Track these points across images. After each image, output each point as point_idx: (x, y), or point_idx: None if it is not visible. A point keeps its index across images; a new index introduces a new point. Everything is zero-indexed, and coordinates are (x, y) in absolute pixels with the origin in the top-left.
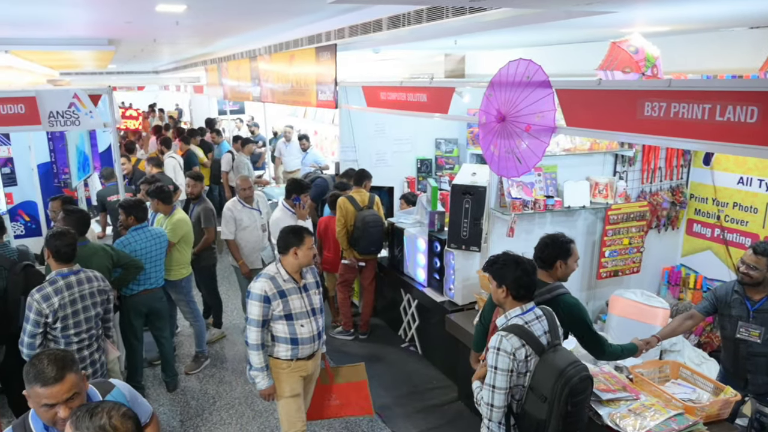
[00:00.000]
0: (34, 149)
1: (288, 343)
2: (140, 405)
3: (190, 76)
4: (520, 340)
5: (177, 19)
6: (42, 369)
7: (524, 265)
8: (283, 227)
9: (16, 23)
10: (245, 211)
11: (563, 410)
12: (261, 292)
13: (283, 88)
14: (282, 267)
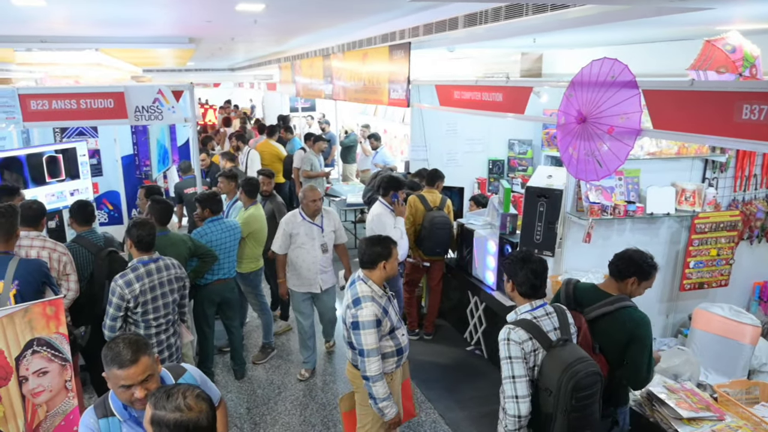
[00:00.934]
0: (119, 142)
1: (395, 356)
2: (209, 389)
3: (263, 74)
4: (527, 333)
5: (255, 18)
6: (118, 352)
7: (533, 264)
8: (367, 238)
9: (105, 22)
10: (304, 225)
11: (568, 404)
12: (373, 318)
13: (355, 86)
14: (372, 282)
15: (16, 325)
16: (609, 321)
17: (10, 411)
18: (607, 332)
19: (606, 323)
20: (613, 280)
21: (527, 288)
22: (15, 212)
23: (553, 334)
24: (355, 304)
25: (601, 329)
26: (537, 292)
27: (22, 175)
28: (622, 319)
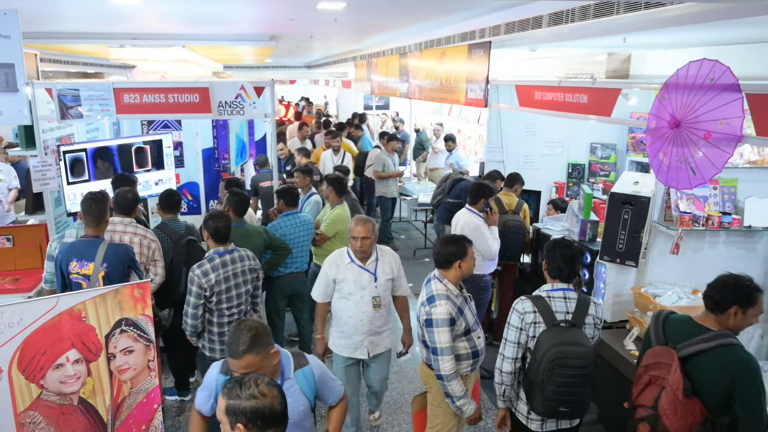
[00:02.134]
0: (200, 135)
1: (470, 358)
2: (330, 388)
3: (338, 71)
4: (533, 306)
5: (335, 16)
6: (233, 341)
7: (563, 250)
8: (442, 238)
9: (193, 20)
10: (352, 269)
11: (545, 375)
12: (447, 316)
13: (432, 85)
14: (447, 281)
15: (107, 305)
16: (707, 360)
17: (99, 385)
18: (704, 373)
19: (703, 362)
20: (712, 314)
21: (553, 269)
22: (106, 198)
23: (562, 315)
24: (430, 302)
25: (696, 369)
26: (561, 275)
27: (113, 164)
28: (723, 359)
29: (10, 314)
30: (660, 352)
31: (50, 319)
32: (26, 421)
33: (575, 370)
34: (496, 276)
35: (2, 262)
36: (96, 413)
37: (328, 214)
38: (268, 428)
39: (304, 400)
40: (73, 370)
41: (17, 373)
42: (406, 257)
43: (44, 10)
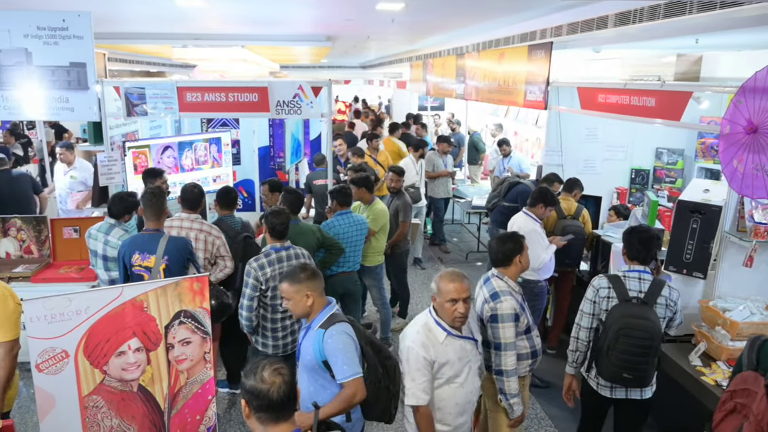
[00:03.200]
0: (257, 134)
1: (529, 358)
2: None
3: (393, 72)
4: (608, 283)
5: (393, 17)
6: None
7: (639, 234)
8: (497, 237)
9: (251, 21)
10: (452, 344)
11: (611, 342)
12: (512, 311)
13: (489, 86)
14: (508, 279)
15: (168, 297)
16: None
17: (157, 374)
18: None
19: None
20: None
21: (632, 252)
22: (163, 193)
23: (635, 293)
24: (494, 298)
25: None
26: (638, 257)
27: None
28: None
29: (78, 302)
30: (749, 378)
31: (114, 308)
32: (90, 404)
33: (639, 341)
34: (552, 283)
35: (69, 252)
36: (154, 401)
37: (369, 211)
38: (261, 411)
39: (312, 352)
40: (134, 358)
41: (83, 359)
42: (458, 260)
43: (114, 12)
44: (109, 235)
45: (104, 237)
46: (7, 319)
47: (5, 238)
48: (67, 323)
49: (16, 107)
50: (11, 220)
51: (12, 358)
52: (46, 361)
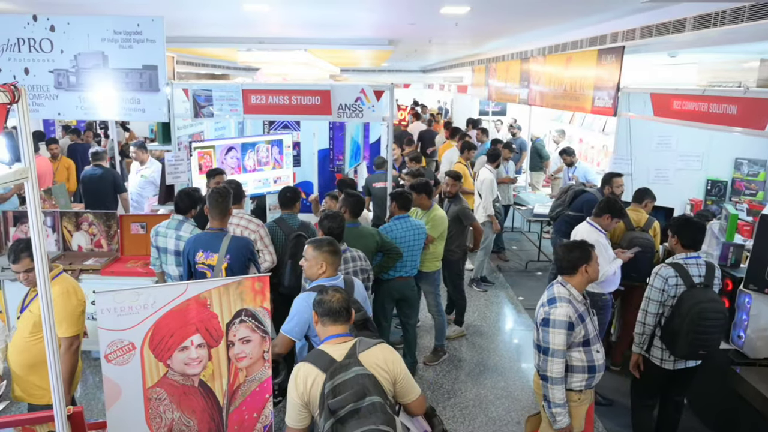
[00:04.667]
0: (317, 136)
1: (584, 372)
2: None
3: (453, 76)
4: (675, 272)
5: (457, 21)
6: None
7: (696, 225)
8: (564, 245)
9: (315, 25)
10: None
11: (691, 326)
12: (566, 318)
13: (555, 91)
14: (571, 287)
15: (230, 295)
16: None
17: (218, 370)
18: None
19: None
20: None
21: (688, 241)
22: (229, 193)
23: (697, 278)
24: (550, 303)
25: None
26: (694, 245)
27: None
28: None
29: (146, 296)
30: None
31: (179, 304)
32: (153, 396)
33: (714, 321)
34: (618, 297)
35: (136, 247)
36: (213, 396)
37: (427, 217)
38: (324, 316)
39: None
40: (196, 354)
41: (148, 351)
42: (518, 269)
43: (185, 16)
44: (180, 231)
45: (175, 233)
46: (69, 315)
47: (78, 232)
48: (135, 316)
49: (91, 107)
50: (84, 215)
51: (72, 353)
52: (114, 352)
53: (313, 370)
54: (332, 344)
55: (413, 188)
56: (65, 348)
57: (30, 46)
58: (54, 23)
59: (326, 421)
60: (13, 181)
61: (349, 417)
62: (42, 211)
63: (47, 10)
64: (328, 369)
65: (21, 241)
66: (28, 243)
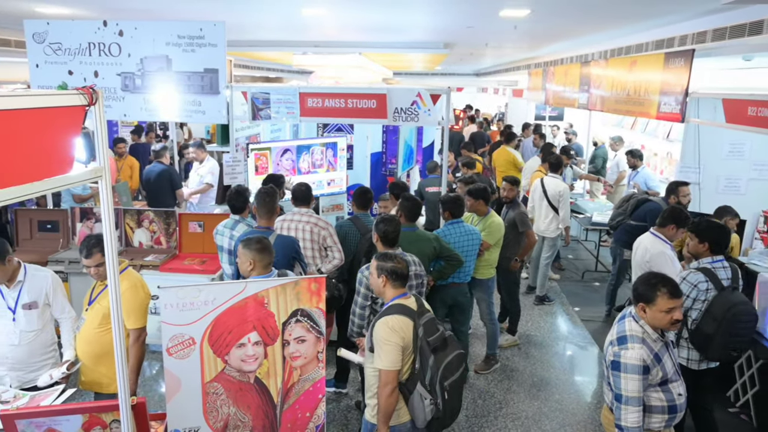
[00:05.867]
0: (371, 140)
1: (665, 413)
2: None
3: (508, 80)
4: (704, 276)
5: (516, 24)
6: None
7: (723, 229)
8: (645, 275)
9: (370, 28)
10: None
11: (729, 328)
12: (640, 362)
13: (617, 96)
14: (644, 323)
15: (287, 295)
16: None
17: (273, 368)
18: None
19: None
20: None
21: (717, 246)
22: (276, 193)
23: (726, 281)
24: (620, 342)
25: None
26: (721, 249)
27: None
28: None
29: (206, 293)
30: None
31: (238, 301)
32: (210, 390)
33: (747, 323)
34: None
35: (193, 245)
36: (268, 394)
37: (483, 224)
38: (395, 280)
39: None
40: (253, 351)
41: (207, 347)
42: (573, 279)
43: (245, 21)
44: (234, 230)
45: (230, 232)
46: (139, 307)
47: (139, 229)
48: (196, 312)
49: (154, 109)
50: (145, 212)
51: (140, 344)
52: (175, 346)
53: (404, 319)
54: (404, 300)
55: (470, 193)
56: (133, 339)
57: (100, 50)
58: (122, 28)
59: (427, 356)
60: (88, 179)
61: (440, 348)
62: None
63: (116, 15)
64: (413, 316)
65: (92, 236)
66: (99, 239)
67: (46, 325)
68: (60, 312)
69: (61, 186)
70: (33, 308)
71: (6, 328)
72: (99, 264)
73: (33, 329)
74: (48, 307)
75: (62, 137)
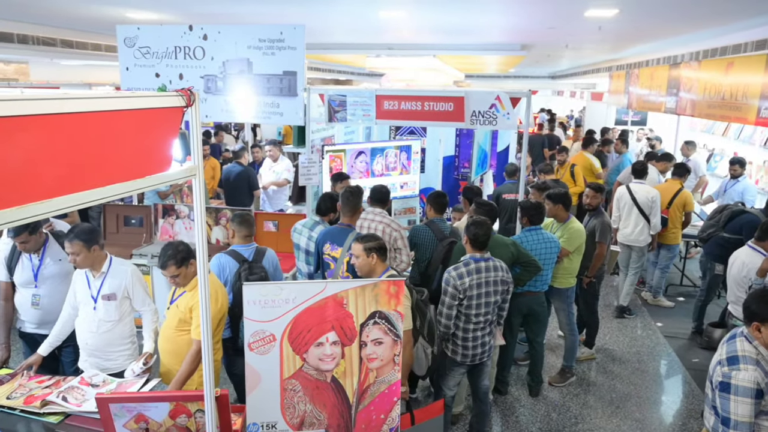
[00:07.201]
0: (443, 143)
1: None
2: None
3: (585, 82)
4: None
5: (601, 24)
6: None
7: None
8: (757, 292)
9: (446, 30)
10: None
11: None
12: (753, 385)
13: (710, 100)
14: (758, 344)
15: (366, 296)
16: None
17: (349, 369)
18: None
19: None
20: None
21: None
22: (361, 192)
23: None
24: (731, 363)
25: None
26: None
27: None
28: None
29: (288, 291)
30: None
31: (318, 301)
32: (288, 387)
33: None
34: None
35: (267, 244)
36: (344, 393)
37: (563, 230)
38: (383, 254)
39: None
40: (331, 351)
41: (287, 344)
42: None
43: (323, 24)
44: (312, 231)
45: (308, 232)
46: (213, 317)
47: (216, 227)
48: (277, 310)
49: (234, 110)
50: (222, 211)
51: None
52: (256, 342)
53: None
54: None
55: (549, 197)
56: (196, 350)
57: (185, 53)
58: (207, 32)
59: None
60: (184, 177)
61: (426, 306)
62: (185, 204)
63: (201, 20)
64: (408, 284)
65: (170, 246)
66: (176, 250)
67: (124, 318)
68: (141, 305)
69: (160, 183)
70: (111, 300)
71: (87, 316)
72: (174, 275)
73: (110, 320)
74: (127, 300)
75: (162, 137)
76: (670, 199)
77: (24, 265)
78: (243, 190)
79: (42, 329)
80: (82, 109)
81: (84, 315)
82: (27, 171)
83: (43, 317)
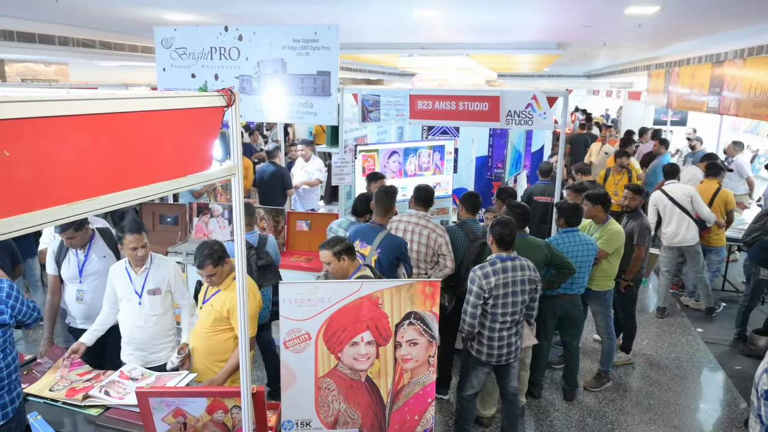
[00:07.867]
0: (476, 143)
1: None
2: None
3: (621, 82)
4: None
5: (641, 21)
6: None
7: None
8: None
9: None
10: None
11: None
12: None
13: (755, 99)
14: None
15: (401, 297)
16: None
17: (384, 369)
18: None
19: None
20: None
21: None
22: (395, 192)
23: None
24: None
25: None
26: None
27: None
28: None
29: (323, 291)
30: None
31: (353, 300)
32: (323, 385)
33: None
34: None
35: (300, 243)
36: (378, 393)
37: (601, 231)
38: (351, 254)
39: None
40: (365, 350)
41: (322, 343)
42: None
43: (356, 24)
44: (347, 231)
45: (343, 233)
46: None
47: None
48: (313, 308)
49: (266, 110)
50: (256, 209)
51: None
52: (292, 340)
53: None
54: (363, 272)
55: (588, 198)
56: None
57: (220, 54)
58: (242, 33)
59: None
60: (223, 177)
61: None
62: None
63: (237, 21)
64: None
65: (205, 246)
66: (212, 250)
67: (167, 311)
68: (180, 298)
69: (200, 182)
70: (156, 294)
71: (133, 311)
72: (210, 274)
73: (156, 313)
74: (170, 294)
75: (203, 136)
76: (710, 200)
77: (70, 260)
78: (276, 189)
79: (87, 324)
80: (127, 109)
81: (129, 310)
82: (74, 169)
83: (87, 312)
